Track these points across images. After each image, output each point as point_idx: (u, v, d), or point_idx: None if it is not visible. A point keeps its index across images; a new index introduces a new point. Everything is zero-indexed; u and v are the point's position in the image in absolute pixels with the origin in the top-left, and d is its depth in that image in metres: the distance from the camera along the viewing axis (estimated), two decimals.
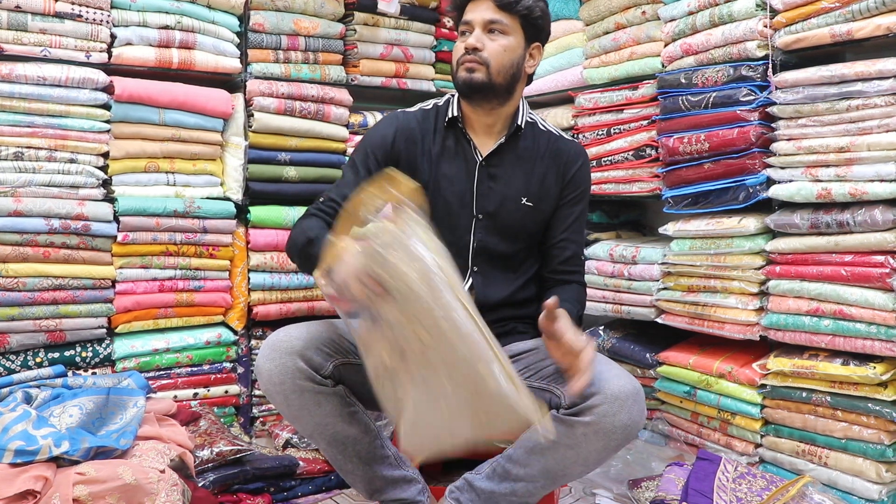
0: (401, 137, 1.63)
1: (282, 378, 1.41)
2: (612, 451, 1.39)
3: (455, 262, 1.38)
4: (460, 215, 1.63)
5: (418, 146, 1.64)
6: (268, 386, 1.43)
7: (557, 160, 1.67)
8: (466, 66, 1.57)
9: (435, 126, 1.67)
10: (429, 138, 1.65)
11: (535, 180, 1.65)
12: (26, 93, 2.04)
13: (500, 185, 1.63)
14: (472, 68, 1.56)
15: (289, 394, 1.42)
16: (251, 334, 2.47)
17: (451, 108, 1.67)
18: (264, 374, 1.43)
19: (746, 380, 2.00)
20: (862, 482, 1.80)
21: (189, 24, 2.29)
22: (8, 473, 1.45)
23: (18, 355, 2.07)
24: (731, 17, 2.05)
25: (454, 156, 1.64)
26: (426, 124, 1.67)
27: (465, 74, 1.57)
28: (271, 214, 2.43)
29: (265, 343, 1.47)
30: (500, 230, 1.63)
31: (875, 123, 1.75)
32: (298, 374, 1.41)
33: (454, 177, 1.63)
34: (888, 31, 1.74)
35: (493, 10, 1.57)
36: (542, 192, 1.65)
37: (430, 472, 2.06)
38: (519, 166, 1.65)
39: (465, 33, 1.60)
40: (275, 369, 1.41)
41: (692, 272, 2.16)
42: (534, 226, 1.66)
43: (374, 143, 1.64)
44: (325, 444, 1.50)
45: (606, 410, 1.34)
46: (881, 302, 1.74)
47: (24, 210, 2.02)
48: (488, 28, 1.57)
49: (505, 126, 1.66)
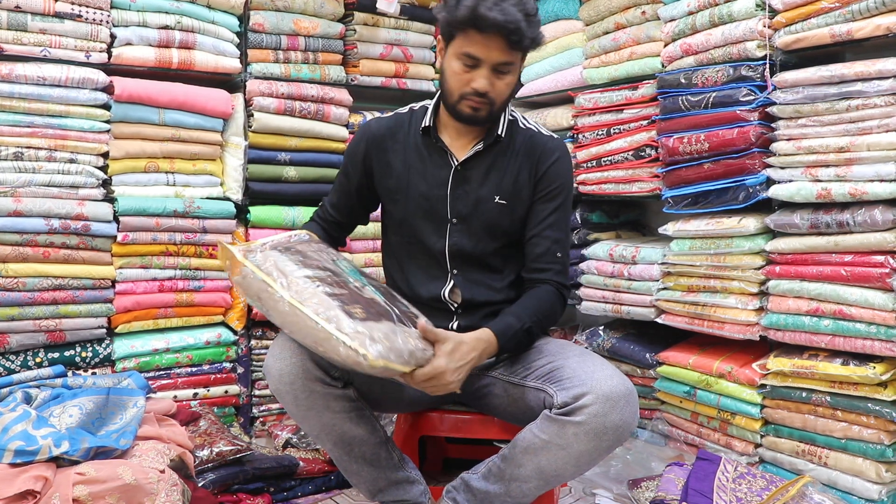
0: (371, 149, 1.67)
1: (292, 378, 1.41)
2: (605, 452, 1.39)
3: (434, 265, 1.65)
4: (434, 220, 1.63)
5: (389, 154, 1.65)
6: (278, 385, 1.44)
7: (531, 156, 1.64)
8: (473, 105, 1.52)
9: (409, 132, 1.67)
10: (400, 146, 1.66)
11: (509, 178, 1.63)
12: (26, 93, 2.04)
13: (473, 186, 1.62)
14: (479, 108, 1.53)
15: (298, 394, 1.42)
16: (251, 334, 2.47)
17: (426, 117, 1.65)
18: (274, 373, 1.43)
19: (746, 380, 2.00)
20: (862, 482, 1.80)
21: (189, 24, 2.29)
22: (8, 473, 1.45)
23: (18, 355, 2.07)
24: (730, 17, 2.05)
25: (429, 163, 1.64)
26: (399, 132, 1.67)
27: (470, 112, 1.54)
28: (271, 214, 2.43)
29: (275, 342, 1.47)
30: (474, 232, 1.63)
31: (875, 123, 1.75)
32: (309, 375, 1.41)
33: (428, 183, 1.63)
34: (888, 31, 1.73)
35: (506, 53, 1.47)
36: (515, 189, 1.62)
37: (429, 472, 2.06)
38: (493, 166, 1.63)
39: (468, 66, 1.49)
40: (285, 369, 1.42)
41: (692, 272, 2.15)
42: (509, 224, 1.64)
43: (350, 156, 1.72)
44: (330, 445, 1.50)
45: (597, 411, 1.34)
46: (881, 302, 1.74)
47: (23, 210, 2.02)
48: (496, 68, 1.50)
49: (482, 131, 1.64)
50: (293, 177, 2.49)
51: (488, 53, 1.47)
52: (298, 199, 2.50)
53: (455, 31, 1.49)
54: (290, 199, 2.49)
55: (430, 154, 1.64)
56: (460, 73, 1.51)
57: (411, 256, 1.68)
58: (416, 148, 1.65)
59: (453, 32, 1.50)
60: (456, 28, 1.48)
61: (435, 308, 1.63)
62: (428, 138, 1.65)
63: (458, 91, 1.53)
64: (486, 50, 1.47)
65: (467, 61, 1.49)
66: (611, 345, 2.43)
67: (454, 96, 1.54)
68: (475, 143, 1.63)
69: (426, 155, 1.65)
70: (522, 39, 1.46)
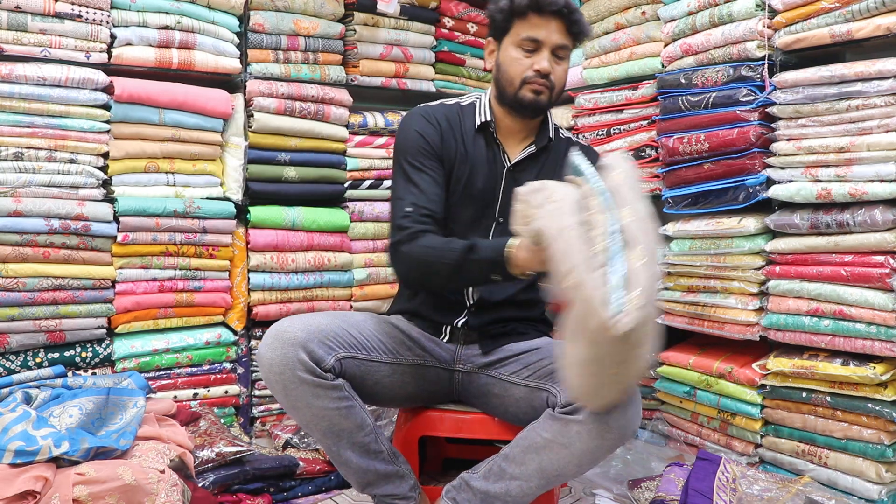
0: (445, 134, 1.64)
1: (282, 368, 1.42)
2: (607, 452, 1.39)
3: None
4: (483, 216, 1.64)
5: (451, 145, 1.64)
6: (268, 375, 1.44)
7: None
8: (535, 87, 1.57)
9: (463, 127, 1.67)
10: (459, 138, 1.65)
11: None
12: (26, 93, 2.04)
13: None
14: (541, 91, 1.57)
15: (288, 384, 1.43)
16: (251, 335, 2.47)
17: (483, 112, 1.66)
18: (265, 362, 1.44)
19: (746, 380, 2.00)
20: (862, 482, 1.80)
21: (189, 25, 2.29)
22: (8, 474, 1.45)
23: (18, 355, 2.07)
24: (730, 17, 2.05)
25: (484, 160, 1.65)
26: (455, 124, 1.67)
27: (532, 96, 1.57)
28: (271, 215, 2.43)
29: (268, 332, 1.48)
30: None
31: (875, 123, 1.75)
32: (299, 366, 1.42)
33: (482, 179, 1.63)
34: (888, 31, 1.74)
35: (564, 35, 1.57)
36: None
37: (429, 472, 2.06)
38: (543, 170, 1.65)
39: (529, 50, 1.56)
40: (276, 359, 1.42)
41: (692, 272, 2.16)
42: None
43: (416, 144, 1.60)
44: (319, 435, 1.51)
45: (602, 411, 1.34)
46: (881, 302, 1.74)
47: (23, 210, 2.02)
48: (556, 52, 1.57)
49: (532, 132, 1.68)
50: (293, 177, 2.49)
51: (549, 35, 1.55)
52: (298, 200, 2.50)
53: (514, 19, 1.57)
54: (290, 199, 2.49)
55: (487, 150, 1.65)
56: (521, 59, 1.57)
57: None
58: (474, 141, 1.66)
59: (511, 21, 1.57)
60: (517, 14, 1.56)
61: (449, 301, 1.63)
62: (484, 134, 1.66)
63: (519, 76, 1.57)
64: (546, 32, 1.55)
65: (528, 45, 1.56)
66: None
67: (515, 83, 1.58)
68: (527, 145, 1.66)
69: (483, 150, 1.65)
70: (579, 23, 1.57)
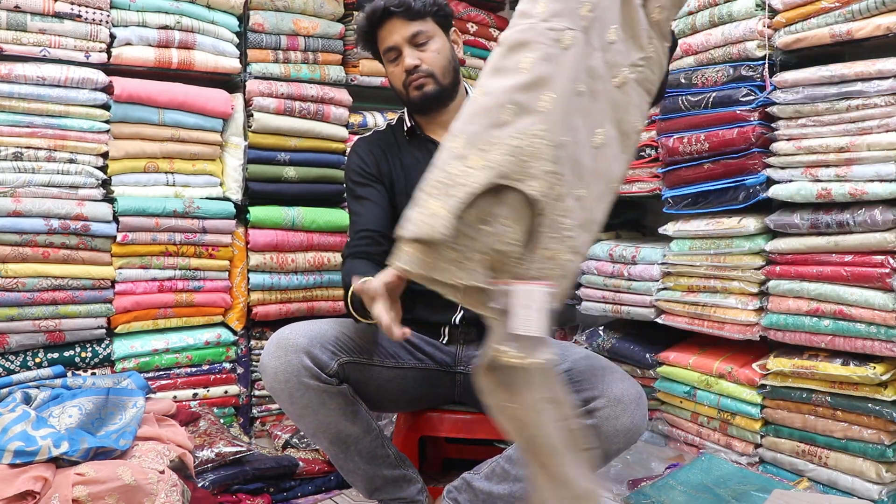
0: (381, 157, 1.70)
1: (287, 376, 1.41)
2: (613, 455, 1.40)
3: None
4: None
5: (390, 161, 1.69)
6: (273, 384, 1.44)
7: None
8: (415, 84, 1.61)
9: (398, 142, 1.71)
10: (396, 154, 1.69)
11: None
12: (25, 93, 2.04)
13: None
14: (422, 84, 1.61)
15: (294, 391, 1.42)
16: (251, 335, 2.47)
17: (406, 120, 1.71)
18: (270, 371, 1.43)
19: (746, 380, 2.00)
20: (862, 482, 1.80)
21: (188, 24, 2.29)
22: (7, 474, 1.45)
23: (18, 356, 2.07)
24: (730, 16, 2.04)
25: (423, 163, 1.64)
26: (390, 144, 1.71)
27: (418, 93, 1.62)
28: (271, 214, 2.43)
29: (270, 340, 1.47)
30: None
31: (875, 123, 1.75)
32: (304, 372, 1.41)
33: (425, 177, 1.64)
34: (888, 31, 1.73)
35: (408, 24, 1.59)
36: None
37: (429, 473, 2.06)
38: None
39: (394, 60, 1.63)
40: (280, 367, 1.42)
41: (692, 272, 2.15)
42: None
43: (358, 170, 1.68)
44: (326, 443, 1.50)
45: (609, 413, 1.35)
46: (881, 302, 1.74)
47: (23, 210, 2.02)
48: (413, 42, 1.60)
49: (454, 113, 1.65)
50: (293, 177, 2.49)
51: (394, 37, 1.60)
52: (298, 200, 2.50)
53: (371, 44, 1.66)
54: (289, 199, 2.49)
55: (423, 153, 1.66)
56: (393, 70, 1.65)
57: None
58: (409, 150, 1.69)
59: (372, 46, 1.66)
60: (368, 41, 1.66)
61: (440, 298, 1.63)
62: (416, 139, 1.70)
63: (400, 85, 1.64)
64: (393, 35, 1.60)
65: (391, 56, 1.64)
66: (610, 345, 2.43)
67: (402, 91, 1.64)
68: None
69: (419, 154, 1.67)
70: (411, 8, 1.57)
